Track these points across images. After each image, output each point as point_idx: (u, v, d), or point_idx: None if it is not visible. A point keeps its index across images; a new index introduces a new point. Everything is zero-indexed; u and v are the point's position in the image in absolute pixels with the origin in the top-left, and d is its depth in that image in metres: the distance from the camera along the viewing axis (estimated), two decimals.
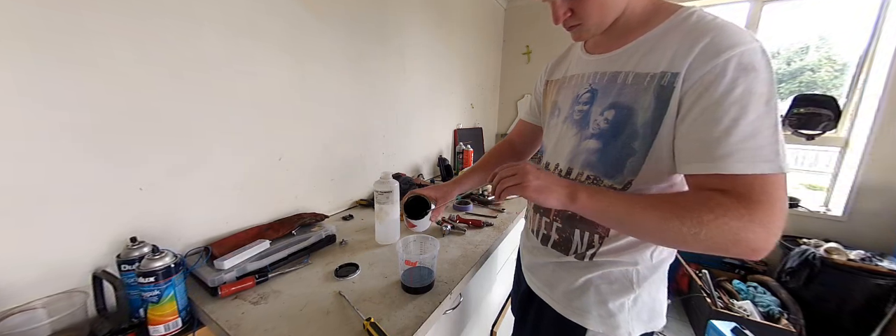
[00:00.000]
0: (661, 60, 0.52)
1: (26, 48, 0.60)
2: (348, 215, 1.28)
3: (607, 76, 0.60)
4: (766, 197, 0.43)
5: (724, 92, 0.45)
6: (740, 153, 0.44)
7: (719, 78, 0.45)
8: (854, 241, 1.76)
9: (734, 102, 0.44)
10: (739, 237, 0.43)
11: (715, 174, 0.45)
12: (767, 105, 0.44)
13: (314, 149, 1.21)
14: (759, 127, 0.43)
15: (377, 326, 0.63)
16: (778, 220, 0.43)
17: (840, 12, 1.98)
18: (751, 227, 0.42)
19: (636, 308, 0.61)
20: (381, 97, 1.49)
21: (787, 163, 0.44)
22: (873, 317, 1.50)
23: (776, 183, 0.43)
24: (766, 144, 0.43)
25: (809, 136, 1.90)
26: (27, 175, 0.63)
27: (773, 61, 0.46)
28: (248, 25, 0.94)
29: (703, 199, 0.46)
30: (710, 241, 0.44)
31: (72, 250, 0.70)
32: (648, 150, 0.53)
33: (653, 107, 0.52)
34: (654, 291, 0.62)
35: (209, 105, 0.88)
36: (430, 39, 1.76)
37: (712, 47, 0.47)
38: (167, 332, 0.67)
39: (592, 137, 0.60)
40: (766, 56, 0.45)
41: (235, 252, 0.83)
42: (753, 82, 0.44)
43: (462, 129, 2.17)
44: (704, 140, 0.46)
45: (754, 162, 0.43)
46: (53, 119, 0.64)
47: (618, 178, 0.57)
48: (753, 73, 0.44)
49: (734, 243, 0.43)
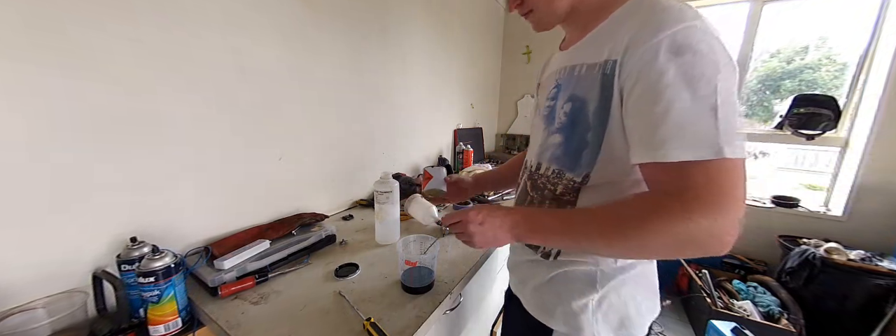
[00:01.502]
0: (606, 48, 0.50)
1: (25, 48, 0.60)
2: (348, 215, 1.28)
3: (567, 70, 0.59)
4: (709, 186, 0.40)
5: (656, 76, 0.42)
6: (676, 140, 0.41)
7: (652, 61, 0.42)
8: (854, 241, 1.76)
9: (668, 86, 0.41)
10: (688, 237, 0.40)
11: (656, 164, 0.43)
12: (708, 86, 0.40)
13: (314, 149, 1.21)
14: (698, 111, 0.40)
15: (377, 326, 0.63)
16: (727, 210, 0.40)
17: (840, 12, 1.98)
18: (697, 224, 0.40)
19: (602, 310, 0.58)
20: (381, 97, 1.49)
21: (737, 146, 0.40)
22: (873, 317, 1.50)
23: (721, 168, 0.40)
24: (705, 128, 0.40)
25: (809, 136, 1.90)
26: (27, 175, 0.63)
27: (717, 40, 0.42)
28: (249, 25, 0.94)
29: (641, 204, 0.44)
30: (662, 248, 0.43)
31: (72, 250, 0.70)
32: (601, 142, 0.52)
33: (598, 97, 0.51)
34: (626, 296, 0.58)
35: (209, 105, 0.88)
36: (430, 39, 1.76)
37: (647, 30, 0.44)
38: (167, 332, 0.67)
39: (556, 132, 0.60)
40: (709, 35, 0.41)
41: (235, 252, 0.83)
42: (689, 64, 0.40)
43: (462, 129, 2.17)
44: (642, 128, 0.44)
45: (692, 147, 0.40)
46: (53, 119, 0.64)
47: (577, 171, 0.57)
48: (689, 54, 0.41)
49: (686, 245, 0.41)
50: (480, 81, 2.40)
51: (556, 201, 0.61)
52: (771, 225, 1.99)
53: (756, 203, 2.05)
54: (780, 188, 2.15)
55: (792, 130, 1.92)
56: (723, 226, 0.40)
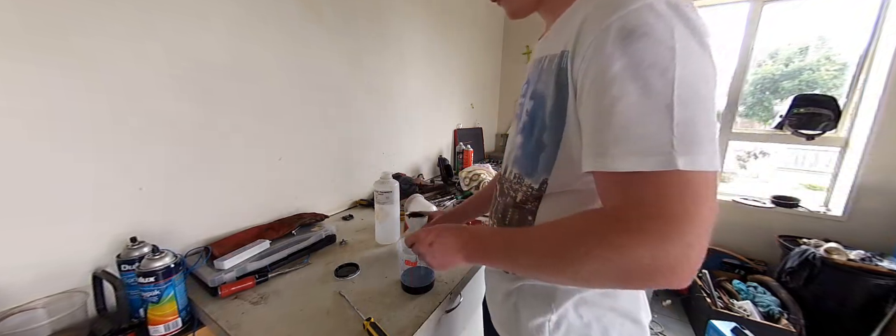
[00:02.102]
0: (563, 37, 0.44)
1: (25, 47, 0.60)
2: (348, 215, 1.28)
3: (537, 63, 0.53)
4: (658, 204, 0.32)
5: (603, 67, 0.35)
6: (620, 144, 0.34)
7: (600, 50, 0.36)
8: (854, 241, 1.76)
9: (613, 79, 0.34)
10: (628, 268, 0.33)
11: (604, 173, 0.36)
12: (662, 79, 0.33)
13: (314, 149, 1.21)
14: (647, 109, 0.33)
15: (377, 326, 0.63)
16: (678, 236, 0.31)
17: (840, 12, 1.98)
18: (636, 253, 0.32)
19: (560, 333, 0.50)
20: (381, 97, 1.48)
21: (700, 155, 0.32)
22: (873, 317, 1.49)
23: (673, 182, 0.32)
24: (655, 132, 0.33)
25: (809, 136, 1.90)
26: (27, 175, 0.63)
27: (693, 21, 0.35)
28: (249, 25, 0.94)
29: (581, 224, 0.38)
30: (600, 278, 0.35)
31: (72, 250, 0.70)
32: (558, 144, 0.47)
33: (554, 94, 0.45)
34: (590, 318, 0.50)
35: (209, 105, 0.88)
36: (430, 39, 1.76)
37: (597, 15, 0.37)
38: (167, 332, 0.67)
39: (519, 132, 0.55)
40: (672, 14, 0.34)
41: (235, 252, 0.83)
42: (641, 51, 0.33)
43: (462, 129, 2.17)
44: (589, 130, 0.38)
45: (637, 155, 0.33)
46: (53, 119, 0.64)
47: (534, 176, 0.52)
48: (642, 39, 0.33)
49: (628, 276, 0.34)
50: (480, 81, 2.40)
51: (518, 209, 0.56)
52: (771, 225, 1.99)
53: (756, 203, 2.05)
54: (780, 188, 2.15)
55: (792, 130, 1.92)
56: (672, 255, 0.32)
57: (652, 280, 0.33)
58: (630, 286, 0.36)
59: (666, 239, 0.32)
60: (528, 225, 0.54)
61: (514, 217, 0.57)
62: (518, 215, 0.56)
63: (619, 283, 0.36)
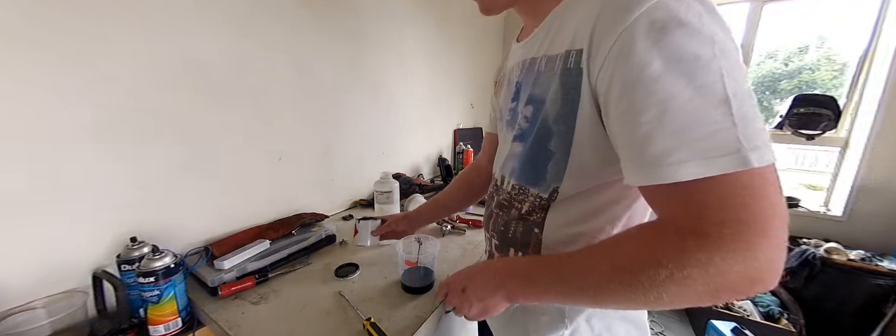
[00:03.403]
0: (567, 35, 0.41)
1: (26, 47, 0.60)
2: (348, 215, 1.28)
3: (527, 64, 0.50)
4: (736, 210, 0.29)
5: (638, 70, 0.32)
6: (680, 151, 0.30)
7: (629, 51, 0.32)
8: (854, 241, 1.76)
9: (656, 80, 0.31)
10: (717, 284, 0.30)
11: (659, 186, 0.33)
12: (711, 71, 0.30)
13: (314, 149, 1.21)
14: (704, 106, 0.30)
15: (377, 326, 0.63)
16: (765, 241, 0.29)
17: (840, 12, 1.98)
18: (726, 267, 0.29)
19: None
20: (381, 97, 1.48)
21: (764, 149, 0.29)
22: (873, 317, 1.49)
23: (748, 183, 0.29)
24: (719, 130, 0.29)
25: (809, 136, 1.90)
26: (27, 175, 0.63)
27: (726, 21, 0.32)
28: (248, 25, 0.94)
29: (646, 245, 0.34)
30: (682, 299, 0.32)
31: (72, 250, 0.70)
32: (569, 152, 0.43)
33: (560, 97, 0.42)
34: (600, 329, 0.49)
35: (209, 105, 0.88)
36: (430, 39, 1.76)
37: (616, 7, 0.34)
38: (167, 332, 0.67)
39: (516, 140, 0.52)
40: (697, 7, 0.31)
41: (235, 252, 0.83)
42: (680, 45, 0.30)
43: (462, 129, 2.16)
44: (633, 142, 0.34)
45: (705, 158, 0.30)
46: (53, 119, 0.64)
47: (542, 185, 0.48)
48: (679, 29, 0.30)
49: (718, 292, 0.31)
50: (481, 81, 2.40)
51: (522, 222, 0.52)
52: None
53: None
54: None
55: (792, 130, 1.92)
56: (762, 261, 0.29)
57: (743, 291, 0.31)
58: (720, 301, 0.32)
59: (753, 246, 0.29)
60: (534, 238, 0.51)
61: (518, 230, 0.53)
62: (523, 228, 0.52)
63: (707, 300, 0.32)
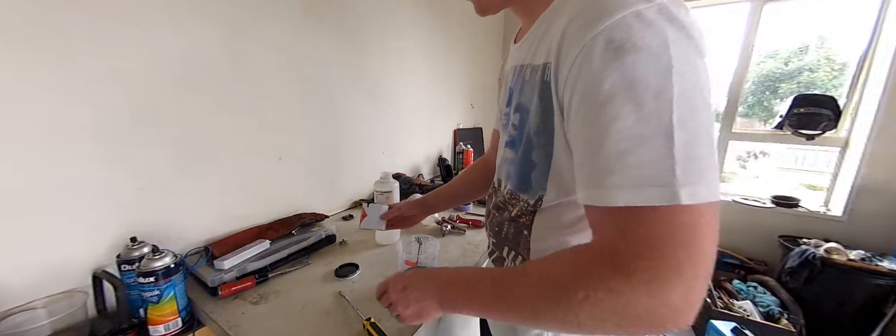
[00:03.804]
0: (544, 46, 0.39)
1: (26, 47, 0.60)
2: (348, 215, 1.28)
3: (518, 71, 0.48)
4: (655, 243, 0.29)
5: (592, 86, 0.31)
6: (613, 175, 0.30)
7: (585, 66, 0.32)
8: (854, 241, 1.76)
9: (605, 100, 0.30)
10: (627, 317, 0.29)
11: (595, 207, 0.32)
12: (659, 99, 0.29)
13: (314, 149, 1.21)
14: (645, 133, 0.29)
15: (377, 326, 0.63)
16: (679, 281, 0.28)
17: (840, 12, 1.98)
18: (635, 301, 0.29)
19: None
20: (381, 97, 1.48)
21: (704, 186, 0.28)
22: (873, 317, 1.49)
23: (672, 219, 0.28)
24: (653, 160, 0.29)
25: (809, 136, 1.90)
26: (27, 175, 0.63)
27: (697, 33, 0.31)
28: (248, 26, 0.94)
29: (573, 265, 0.33)
30: (600, 325, 0.31)
31: (72, 250, 0.70)
32: (550, 163, 0.43)
33: (540, 110, 0.41)
34: None
35: (209, 105, 0.88)
36: (430, 39, 1.76)
37: (581, 22, 0.33)
38: (167, 332, 0.67)
39: (507, 145, 0.52)
40: (658, 23, 0.30)
41: (235, 252, 0.83)
42: (633, 68, 0.29)
43: (462, 129, 2.16)
44: (581, 157, 0.34)
45: (633, 187, 0.29)
46: (53, 119, 0.64)
47: (529, 193, 0.48)
48: (631, 54, 0.29)
49: (626, 324, 0.30)
50: (481, 81, 2.40)
51: (514, 223, 0.53)
52: (771, 225, 1.99)
53: (756, 203, 2.05)
54: (780, 188, 2.15)
55: (792, 130, 1.92)
56: (673, 300, 0.28)
57: (651, 326, 0.30)
58: (633, 332, 0.31)
59: (665, 284, 0.28)
60: (523, 239, 0.51)
61: (510, 231, 0.55)
62: (514, 229, 0.54)
63: (620, 331, 0.31)
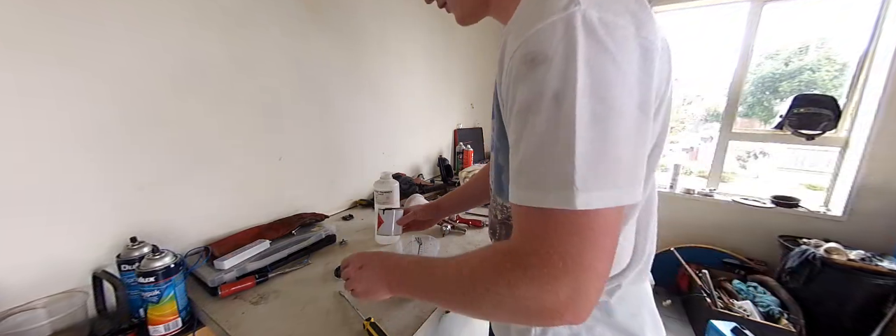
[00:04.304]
0: (499, 57, 0.40)
1: (27, 49, 0.60)
2: (348, 215, 1.28)
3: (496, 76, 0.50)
4: (548, 243, 0.30)
5: (513, 97, 0.34)
6: (522, 177, 0.33)
7: (510, 79, 0.34)
8: (854, 241, 1.76)
9: (521, 110, 0.33)
10: (515, 306, 0.31)
11: (513, 205, 0.35)
12: (558, 106, 0.30)
13: (314, 149, 1.21)
14: (549, 140, 0.30)
15: (377, 326, 0.63)
16: (565, 280, 0.29)
17: (840, 12, 1.98)
18: (521, 292, 0.31)
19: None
20: (381, 97, 1.48)
21: (603, 191, 0.30)
22: (873, 317, 1.49)
23: (567, 221, 0.30)
24: (553, 166, 0.30)
25: (809, 136, 1.90)
26: (28, 175, 0.63)
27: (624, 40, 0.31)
28: (249, 26, 0.94)
29: (482, 258, 0.36)
30: (497, 314, 0.35)
31: (72, 250, 0.70)
32: None
33: (497, 115, 0.43)
34: (580, 329, 0.47)
35: (210, 106, 0.88)
36: (430, 39, 1.76)
37: (513, 35, 0.35)
38: (167, 332, 0.67)
39: (492, 150, 0.53)
40: (570, 34, 0.30)
41: (235, 252, 0.83)
42: (542, 80, 0.31)
43: (462, 129, 2.16)
44: (513, 162, 0.36)
45: (535, 189, 0.31)
46: (54, 119, 0.64)
47: (503, 195, 0.49)
48: (541, 66, 0.31)
49: (516, 314, 0.32)
50: (481, 81, 2.40)
51: (504, 226, 0.54)
52: (771, 225, 1.99)
53: (756, 203, 2.05)
54: (780, 188, 2.15)
55: (792, 130, 1.92)
56: (559, 297, 0.30)
57: (542, 320, 0.32)
58: (524, 323, 0.34)
59: (554, 281, 0.30)
60: None
61: (502, 233, 0.55)
62: (506, 231, 0.54)
63: (513, 321, 0.34)
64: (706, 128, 2.53)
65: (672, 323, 1.94)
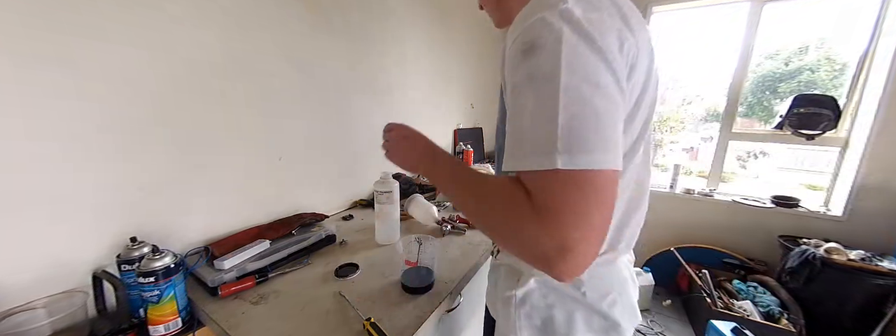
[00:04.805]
0: (501, 51, 0.48)
1: (27, 49, 0.60)
2: (348, 215, 1.28)
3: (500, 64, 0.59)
4: (545, 198, 0.35)
5: (511, 79, 0.41)
6: (516, 147, 0.39)
7: (509, 64, 0.41)
8: (854, 241, 1.76)
9: (517, 91, 0.39)
10: (519, 234, 0.37)
11: (513, 172, 0.40)
12: (549, 86, 0.36)
13: (314, 149, 1.21)
14: (539, 115, 0.36)
15: (377, 326, 0.63)
16: (558, 226, 0.34)
17: (840, 12, 1.98)
18: (527, 227, 0.36)
19: (524, 309, 0.55)
20: (381, 97, 1.49)
21: (583, 155, 0.35)
22: (873, 317, 1.49)
23: (554, 181, 0.35)
24: (541, 135, 0.36)
25: (809, 136, 1.90)
26: (28, 175, 0.63)
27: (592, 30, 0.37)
28: (248, 26, 0.94)
29: (508, 189, 0.40)
30: (490, 231, 0.43)
31: (72, 250, 0.70)
32: None
33: (501, 103, 0.51)
34: (552, 300, 0.54)
35: (209, 105, 0.88)
36: (430, 39, 1.76)
37: (511, 28, 0.42)
38: (167, 332, 0.67)
39: (497, 133, 0.61)
40: (557, 25, 0.36)
41: (235, 252, 0.83)
42: (534, 64, 0.37)
43: (462, 129, 2.17)
44: (508, 136, 0.41)
45: (525, 156, 0.37)
46: (54, 119, 0.64)
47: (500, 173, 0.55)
48: (533, 53, 0.37)
49: (517, 244, 0.38)
50: (480, 81, 2.40)
51: None
52: (771, 225, 1.99)
53: (756, 203, 2.05)
54: (780, 188, 2.15)
55: (792, 130, 1.92)
56: (549, 245, 0.35)
57: (532, 255, 0.37)
58: (517, 252, 0.39)
59: (544, 227, 0.35)
60: None
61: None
62: None
63: (510, 247, 0.39)
64: (706, 128, 2.53)
65: (672, 323, 1.94)
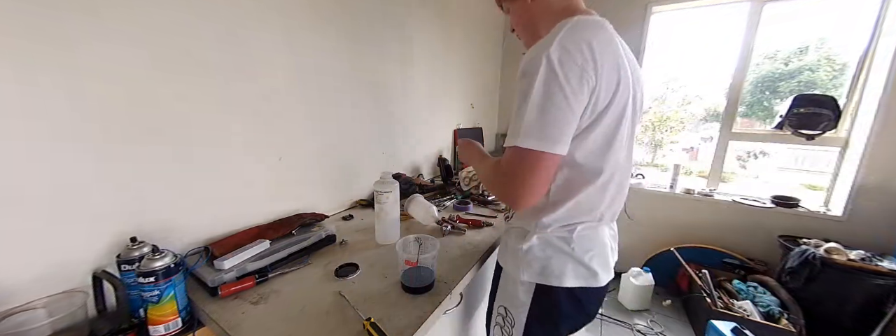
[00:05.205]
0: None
1: (28, 49, 0.60)
2: (348, 215, 1.28)
3: None
4: (508, 163, 0.62)
5: (516, 90, 0.62)
6: (509, 133, 0.62)
7: (517, 81, 0.63)
8: (854, 241, 1.76)
9: (515, 100, 0.62)
10: (494, 188, 0.68)
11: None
12: (526, 98, 0.58)
13: (314, 149, 1.21)
14: (518, 115, 0.60)
15: (377, 326, 0.63)
16: (509, 181, 0.62)
17: (840, 12, 1.98)
18: (496, 179, 0.66)
19: (527, 258, 0.73)
20: (381, 97, 1.49)
21: (532, 139, 0.58)
22: (873, 317, 1.49)
23: (515, 154, 0.61)
24: (517, 126, 0.60)
25: (809, 136, 1.90)
26: (28, 175, 0.63)
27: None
28: (249, 25, 0.94)
29: (497, 162, 0.68)
30: (488, 185, 0.74)
31: (72, 250, 0.70)
32: None
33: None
34: (550, 252, 0.72)
35: (210, 105, 0.88)
36: (430, 39, 1.76)
37: (523, 58, 0.63)
38: (167, 332, 0.67)
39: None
40: (542, 63, 0.57)
41: (235, 252, 0.83)
42: (528, 83, 0.58)
43: (462, 129, 2.17)
44: None
45: (508, 138, 0.62)
46: (55, 120, 0.64)
47: None
48: (524, 77, 0.60)
49: (494, 190, 0.68)
50: (481, 81, 2.40)
51: None
52: (771, 225, 1.99)
53: (756, 203, 2.05)
54: (780, 188, 2.15)
55: (792, 130, 1.92)
56: (508, 190, 0.63)
57: (501, 197, 0.68)
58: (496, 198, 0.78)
59: (505, 180, 0.64)
60: None
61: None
62: None
63: (492, 193, 0.78)
64: (706, 128, 2.53)
65: (672, 323, 1.95)
